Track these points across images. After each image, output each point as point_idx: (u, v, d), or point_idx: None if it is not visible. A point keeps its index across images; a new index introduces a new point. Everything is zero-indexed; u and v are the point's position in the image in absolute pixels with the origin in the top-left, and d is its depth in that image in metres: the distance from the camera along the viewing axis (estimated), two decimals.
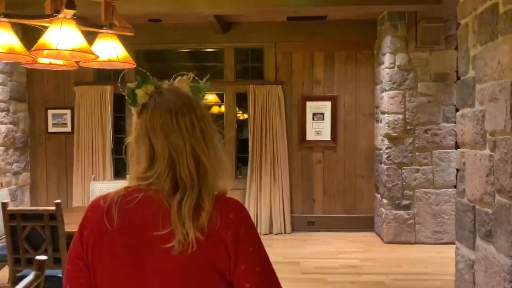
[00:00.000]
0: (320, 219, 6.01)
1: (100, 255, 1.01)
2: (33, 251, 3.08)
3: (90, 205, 1.08)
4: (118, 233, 1.00)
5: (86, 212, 1.06)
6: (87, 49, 2.85)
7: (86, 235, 1.03)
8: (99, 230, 1.02)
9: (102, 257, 1.01)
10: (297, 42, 5.97)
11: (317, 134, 5.96)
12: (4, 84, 5.58)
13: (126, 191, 1.03)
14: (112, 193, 1.04)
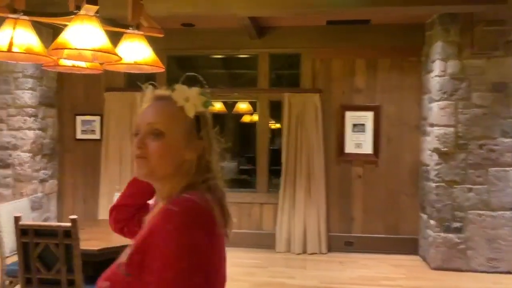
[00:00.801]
0: (359, 239, 5.53)
1: (220, 258, 1.05)
2: (45, 271, 2.80)
3: (206, 205, 1.04)
4: (222, 235, 1.06)
5: (208, 214, 1.03)
6: (110, 49, 2.55)
7: (216, 236, 1.04)
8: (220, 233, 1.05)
9: (221, 259, 1.06)
10: (337, 48, 5.58)
11: (357, 146, 5.51)
12: (34, 89, 5.45)
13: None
14: (205, 196, 1.05)
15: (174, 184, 1.09)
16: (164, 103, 1.11)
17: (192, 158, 1.10)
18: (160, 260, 0.94)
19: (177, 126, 1.09)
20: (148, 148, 1.06)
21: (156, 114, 1.09)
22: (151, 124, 1.08)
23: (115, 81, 5.85)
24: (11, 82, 5.35)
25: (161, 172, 1.08)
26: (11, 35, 2.62)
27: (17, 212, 3.37)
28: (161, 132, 1.07)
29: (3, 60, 2.90)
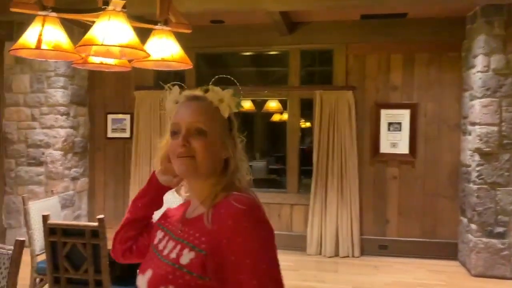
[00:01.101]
0: (394, 242, 5.30)
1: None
2: (73, 271, 2.77)
3: (259, 202, 1.09)
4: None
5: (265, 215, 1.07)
6: (137, 45, 2.48)
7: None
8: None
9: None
10: (371, 43, 5.36)
11: (393, 146, 5.28)
12: (65, 88, 5.50)
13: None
14: (251, 194, 1.10)
15: (214, 183, 1.11)
16: (201, 103, 1.14)
17: (227, 157, 1.13)
18: (249, 257, 0.98)
19: (216, 125, 1.12)
20: (192, 146, 1.08)
21: (197, 113, 1.12)
22: (193, 123, 1.10)
23: (145, 79, 5.84)
24: (43, 80, 5.41)
25: (205, 169, 1.10)
26: (40, 32, 2.60)
27: (47, 210, 3.37)
28: (204, 131, 1.09)
29: (33, 58, 2.88)
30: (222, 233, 1.01)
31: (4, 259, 1.97)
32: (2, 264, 1.97)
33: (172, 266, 1.05)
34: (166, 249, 1.12)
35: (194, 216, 1.13)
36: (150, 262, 1.13)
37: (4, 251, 2.00)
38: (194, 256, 1.02)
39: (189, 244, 1.06)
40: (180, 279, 1.01)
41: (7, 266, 1.96)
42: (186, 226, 1.12)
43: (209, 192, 1.11)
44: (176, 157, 1.10)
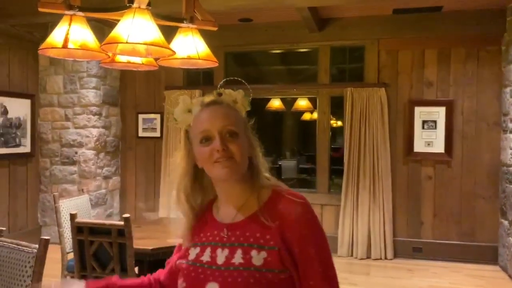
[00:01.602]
0: (429, 245, 5.10)
1: None
2: (100, 269, 2.78)
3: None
4: None
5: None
6: (163, 43, 2.46)
7: None
8: None
9: None
10: (404, 38, 5.17)
11: (428, 145, 5.08)
12: (98, 88, 5.60)
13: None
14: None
15: (248, 182, 1.13)
16: (222, 106, 1.15)
17: (252, 155, 1.15)
18: (314, 247, 1.04)
19: (241, 125, 1.14)
20: (230, 149, 1.09)
21: (225, 116, 1.12)
22: (225, 126, 1.11)
23: (175, 79, 5.88)
24: (76, 81, 5.52)
25: (243, 169, 1.12)
26: (67, 31, 2.62)
27: (77, 209, 3.42)
28: (236, 132, 1.11)
29: (60, 57, 2.91)
30: (286, 227, 1.05)
31: (29, 258, 1.97)
32: (27, 263, 1.98)
33: (247, 270, 1.04)
34: (219, 258, 1.09)
35: (242, 218, 1.11)
36: (203, 277, 1.09)
37: (29, 249, 2.00)
38: (266, 255, 1.04)
39: (253, 246, 1.06)
40: (263, 279, 1.02)
41: (32, 265, 1.96)
42: (235, 230, 1.11)
43: (249, 192, 1.13)
44: (213, 162, 1.10)
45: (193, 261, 1.13)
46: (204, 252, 1.13)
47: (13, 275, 1.99)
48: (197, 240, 1.17)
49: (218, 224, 1.15)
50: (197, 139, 1.12)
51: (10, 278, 2.00)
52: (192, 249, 1.16)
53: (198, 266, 1.11)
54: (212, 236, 1.14)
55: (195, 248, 1.15)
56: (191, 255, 1.15)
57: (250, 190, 1.14)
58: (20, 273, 1.97)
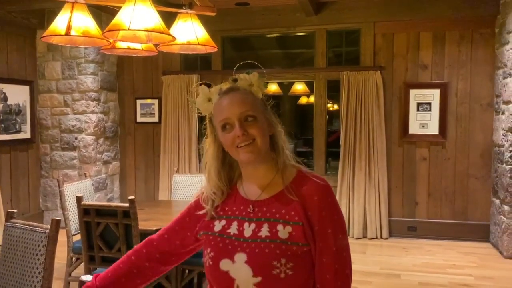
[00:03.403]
0: (423, 224, 5.24)
1: None
2: (107, 249, 2.88)
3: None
4: None
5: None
6: (163, 29, 2.52)
7: None
8: None
9: None
10: (400, 21, 5.22)
11: (422, 127, 5.18)
12: (95, 74, 5.64)
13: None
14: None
15: (272, 162, 1.20)
16: (239, 92, 1.20)
17: (272, 134, 1.22)
18: (331, 227, 1.13)
19: (258, 108, 1.20)
20: (250, 133, 1.15)
21: (242, 102, 1.18)
22: (243, 112, 1.16)
23: (172, 64, 5.91)
24: (74, 67, 5.56)
25: (265, 150, 1.18)
26: (69, 18, 2.67)
27: (81, 192, 3.50)
28: (254, 116, 1.17)
29: (63, 44, 2.96)
30: (309, 207, 1.14)
31: (42, 237, 2.07)
32: (40, 242, 2.07)
33: (273, 242, 1.12)
34: (246, 232, 1.16)
35: (268, 196, 1.19)
36: (231, 248, 1.16)
37: (41, 230, 2.09)
38: (292, 230, 1.12)
39: (279, 221, 1.14)
40: (288, 251, 1.10)
41: (45, 244, 2.05)
42: (261, 207, 1.18)
43: (274, 172, 1.20)
44: (236, 147, 1.17)
45: (220, 232, 1.20)
46: (230, 225, 1.20)
47: (27, 254, 2.09)
48: (222, 214, 1.24)
49: (244, 200, 1.22)
50: (219, 127, 1.19)
51: (24, 257, 2.10)
52: (217, 221, 1.23)
53: (225, 238, 1.18)
54: (239, 211, 1.21)
55: (220, 221, 1.22)
56: (216, 227, 1.22)
57: (274, 169, 1.21)
58: (34, 252, 2.07)
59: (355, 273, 1.24)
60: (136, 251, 1.34)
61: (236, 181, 1.28)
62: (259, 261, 1.11)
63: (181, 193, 4.18)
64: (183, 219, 1.32)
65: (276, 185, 1.20)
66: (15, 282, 2.12)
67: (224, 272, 1.15)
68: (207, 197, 1.26)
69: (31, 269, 2.07)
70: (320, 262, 1.13)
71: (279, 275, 1.09)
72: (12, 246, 2.17)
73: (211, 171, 1.25)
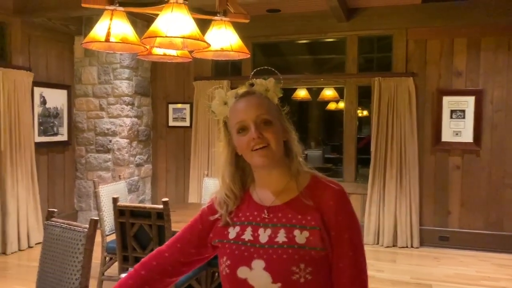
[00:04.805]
0: (456, 234, 5.12)
1: None
2: (140, 250, 2.96)
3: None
4: None
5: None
6: (199, 36, 2.58)
7: None
8: None
9: None
10: (433, 27, 5.15)
11: (456, 135, 5.08)
12: (130, 79, 5.79)
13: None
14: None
15: (285, 168, 1.20)
16: (255, 96, 1.21)
17: (286, 140, 1.21)
18: (347, 232, 1.13)
19: (274, 113, 1.20)
20: (265, 136, 1.15)
21: (258, 106, 1.18)
22: (259, 116, 1.17)
23: (204, 70, 6.01)
24: (110, 72, 5.73)
25: (279, 155, 1.18)
26: (108, 26, 2.77)
27: (116, 194, 3.61)
28: (270, 120, 1.17)
29: (102, 50, 3.07)
30: (325, 212, 1.14)
31: (81, 236, 2.15)
32: (79, 241, 2.16)
33: (291, 248, 1.11)
34: (262, 237, 1.15)
35: (283, 202, 1.18)
36: (247, 255, 1.15)
37: (80, 229, 2.18)
38: (309, 234, 1.12)
39: (295, 226, 1.14)
40: (306, 256, 1.10)
41: (83, 243, 2.13)
42: (276, 212, 1.18)
43: (287, 177, 1.20)
44: (250, 150, 1.16)
45: (235, 239, 1.18)
46: (244, 231, 1.18)
47: (66, 252, 2.18)
48: (236, 220, 1.22)
49: (258, 205, 1.21)
50: (234, 130, 1.19)
51: (64, 255, 2.19)
52: (231, 228, 1.21)
53: (241, 245, 1.17)
54: (252, 216, 1.20)
55: (234, 227, 1.20)
56: (231, 234, 1.20)
57: (288, 174, 1.20)
58: (73, 250, 2.15)
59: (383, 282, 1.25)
60: (145, 264, 1.28)
61: (249, 186, 1.26)
62: (278, 267, 1.10)
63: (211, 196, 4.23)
64: (195, 226, 1.29)
65: (290, 191, 1.19)
66: (55, 278, 2.21)
67: (242, 279, 1.14)
68: (221, 202, 1.25)
69: (70, 266, 2.16)
70: (337, 267, 1.12)
71: (298, 280, 1.09)
72: (52, 244, 2.26)
73: (225, 175, 1.25)
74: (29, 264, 4.58)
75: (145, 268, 1.27)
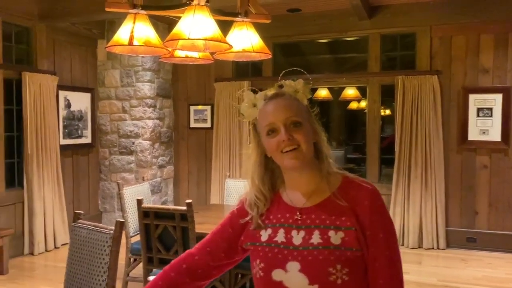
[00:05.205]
0: (484, 235, 4.99)
1: None
2: (165, 251, 2.97)
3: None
4: None
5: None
6: (220, 38, 2.58)
7: None
8: None
9: None
10: (458, 24, 5.03)
11: (483, 133, 4.95)
12: (152, 82, 5.85)
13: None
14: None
15: (316, 169, 1.19)
16: (284, 98, 1.20)
17: (316, 141, 1.20)
18: (383, 231, 1.12)
19: (304, 114, 1.19)
20: (295, 138, 1.14)
21: (287, 108, 1.18)
22: (289, 118, 1.16)
23: (224, 71, 6.02)
24: (132, 75, 5.80)
25: (309, 156, 1.17)
26: (131, 29, 2.79)
27: (139, 196, 3.64)
28: (299, 122, 1.17)
29: (125, 53, 3.10)
30: (360, 212, 1.13)
31: (107, 238, 2.17)
32: (105, 243, 2.17)
33: (327, 249, 1.10)
34: (295, 239, 1.14)
35: (315, 203, 1.17)
36: (281, 257, 1.14)
37: (106, 231, 2.19)
38: (344, 235, 1.11)
39: (330, 227, 1.13)
40: (342, 256, 1.09)
41: (109, 245, 2.15)
42: (309, 214, 1.17)
43: (318, 178, 1.19)
44: (280, 152, 1.16)
45: (267, 242, 1.17)
46: (277, 233, 1.17)
47: (93, 253, 2.20)
48: (267, 222, 1.21)
49: (289, 207, 1.20)
50: (264, 132, 1.19)
51: (91, 256, 2.21)
52: (263, 231, 1.20)
53: (274, 247, 1.15)
54: (284, 218, 1.18)
55: (266, 229, 1.19)
56: (263, 236, 1.19)
57: (318, 175, 1.19)
58: (100, 251, 2.17)
59: (409, 284, 1.22)
60: (174, 267, 1.26)
61: (278, 188, 1.26)
62: (314, 268, 1.09)
63: (233, 198, 4.24)
64: (226, 229, 1.28)
65: (322, 192, 1.18)
66: (82, 280, 2.23)
67: (277, 282, 1.13)
68: (251, 203, 1.24)
69: (97, 268, 2.18)
70: (373, 268, 1.11)
71: (335, 281, 1.08)
72: (79, 245, 2.29)
73: (255, 177, 1.24)
74: (56, 265, 4.67)
75: (174, 270, 1.26)
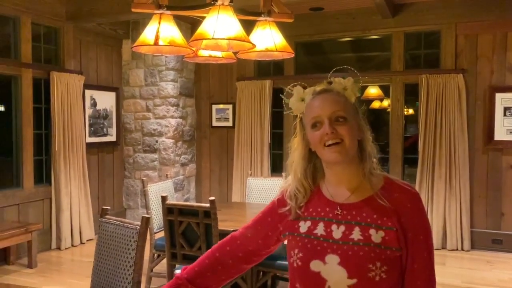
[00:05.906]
0: (510, 237, 4.88)
1: None
2: (188, 247, 3.02)
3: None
4: None
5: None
6: (244, 37, 2.61)
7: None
8: None
9: None
10: (484, 21, 4.93)
11: (510, 133, 4.84)
12: (175, 81, 5.93)
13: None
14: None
15: (358, 167, 1.21)
16: (332, 94, 1.23)
17: (360, 139, 1.22)
18: (422, 233, 1.15)
19: (350, 111, 1.21)
20: (339, 132, 1.16)
21: (334, 103, 1.20)
22: (334, 112, 1.19)
23: (246, 70, 6.05)
24: (156, 74, 5.89)
25: (352, 152, 1.19)
26: (157, 29, 2.85)
27: (163, 193, 3.71)
28: (345, 117, 1.18)
29: (151, 53, 3.16)
30: (402, 213, 1.15)
31: (133, 233, 2.23)
32: (131, 238, 2.23)
33: (367, 246, 1.12)
34: (335, 233, 1.17)
35: (357, 200, 1.19)
36: (320, 249, 1.17)
37: (133, 226, 2.26)
38: (384, 234, 1.13)
39: (371, 225, 1.15)
40: (382, 255, 1.12)
41: (135, 240, 2.21)
42: (350, 210, 1.19)
43: (360, 176, 1.21)
44: (323, 146, 1.18)
45: (306, 233, 1.21)
46: (316, 226, 1.20)
47: (120, 248, 2.26)
48: (307, 214, 1.24)
49: (330, 202, 1.22)
50: (309, 125, 1.22)
51: (118, 250, 2.27)
52: (302, 222, 1.23)
53: (313, 239, 1.19)
54: (324, 212, 1.21)
55: (306, 221, 1.23)
56: (302, 228, 1.22)
57: (360, 173, 1.21)
58: (126, 246, 2.23)
59: None
60: (220, 248, 1.36)
61: (319, 182, 1.28)
62: (354, 263, 1.12)
63: (255, 196, 4.27)
64: (265, 218, 1.34)
65: (364, 190, 1.19)
66: (109, 274, 2.30)
67: (315, 272, 1.15)
68: (291, 195, 1.27)
69: (124, 262, 2.24)
70: (411, 269, 1.13)
71: (374, 278, 1.10)
72: (106, 240, 2.35)
73: (297, 169, 1.27)
74: (82, 260, 4.80)
75: (219, 251, 1.36)
